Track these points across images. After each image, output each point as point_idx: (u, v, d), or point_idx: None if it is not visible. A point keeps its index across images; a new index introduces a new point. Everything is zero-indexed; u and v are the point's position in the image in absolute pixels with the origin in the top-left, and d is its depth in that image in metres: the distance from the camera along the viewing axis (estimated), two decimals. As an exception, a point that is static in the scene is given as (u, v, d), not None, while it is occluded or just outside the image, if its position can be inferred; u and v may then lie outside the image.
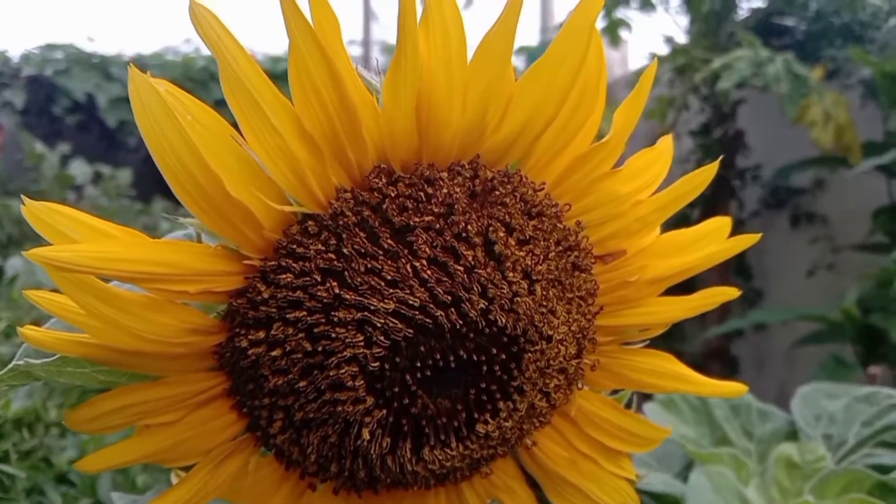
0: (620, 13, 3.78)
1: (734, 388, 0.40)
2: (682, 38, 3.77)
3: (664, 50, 3.76)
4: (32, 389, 1.58)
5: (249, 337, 0.32)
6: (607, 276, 0.38)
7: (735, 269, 3.94)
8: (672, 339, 4.14)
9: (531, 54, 4.43)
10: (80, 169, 4.23)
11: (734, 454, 0.94)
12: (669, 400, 1.02)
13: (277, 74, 0.26)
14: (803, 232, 3.75)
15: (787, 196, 3.81)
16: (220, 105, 0.32)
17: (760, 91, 3.31)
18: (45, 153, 4.03)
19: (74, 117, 6.67)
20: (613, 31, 3.82)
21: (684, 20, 3.83)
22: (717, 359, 3.77)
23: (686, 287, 0.39)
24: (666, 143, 0.38)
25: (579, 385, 0.39)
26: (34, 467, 1.31)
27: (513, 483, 0.41)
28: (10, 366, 0.37)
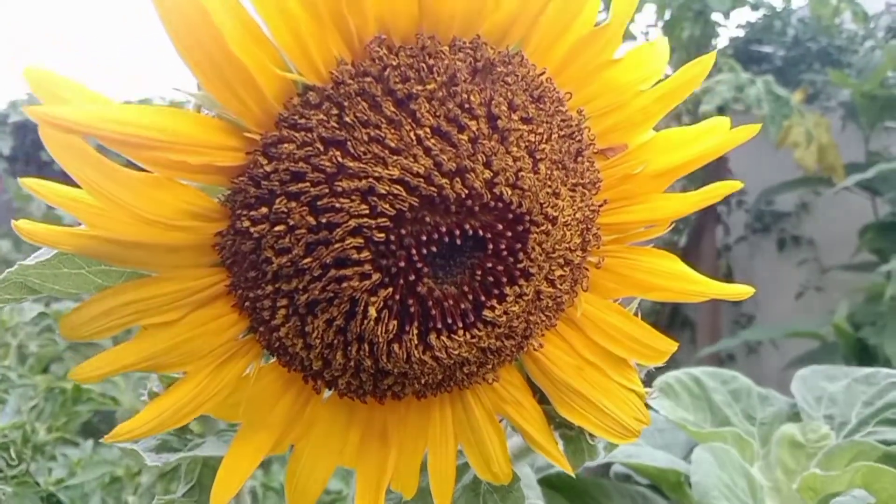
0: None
1: (740, 289, 0.39)
2: (663, 67, 3.83)
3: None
4: (19, 408, 1.55)
5: (252, 215, 0.31)
6: (610, 171, 0.38)
7: (724, 294, 3.95)
8: (665, 367, 4.13)
9: None
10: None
11: (737, 433, 0.93)
12: (668, 386, 1.02)
13: None
14: (790, 255, 3.78)
15: (773, 220, 3.85)
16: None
17: (742, 115, 3.36)
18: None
19: (62, 164, 6.69)
20: (596, 61, 3.87)
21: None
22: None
23: (671, 322, 0.38)
24: (662, 40, 0.38)
25: (584, 285, 0.38)
26: (21, 484, 1.28)
27: (519, 395, 0.40)
28: (3, 276, 0.36)
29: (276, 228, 0.31)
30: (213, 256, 0.34)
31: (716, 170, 3.82)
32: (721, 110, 3.24)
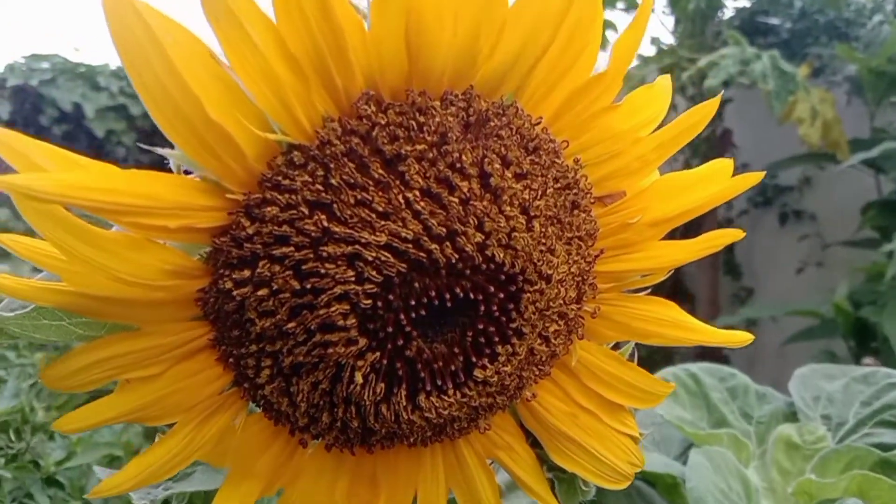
0: (607, 14, 3.78)
1: (740, 336, 0.38)
2: (668, 39, 3.78)
3: (651, 51, 3.77)
4: (17, 390, 1.56)
5: (234, 277, 0.30)
6: (607, 218, 0.36)
7: (725, 268, 3.95)
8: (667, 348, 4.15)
9: None
10: (67, 179, 4.19)
11: (733, 435, 0.93)
12: (666, 384, 1.01)
13: None
14: (792, 229, 3.77)
15: (775, 194, 3.83)
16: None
17: (747, 90, 3.32)
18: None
19: (61, 127, 6.64)
20: (599, 32, 3.82)
21: (670, 20, 3.84)
22: (709, 357, 3.77)
23: (672, 293, 0.37)
24: (665, 81, 0.37)
25: (579, 334, 0.37)
26: (20, 468, 1.29)
27: (512, 441, 0.40)
28: (-18, 322, 0.35)
29: (259, 292, 0.30)
30: (195, 310, 0.33)
31: (721, 143, 3.80)
32: (726, 85, 3.21)
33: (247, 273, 0.30)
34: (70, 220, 0.28)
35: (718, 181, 0.37)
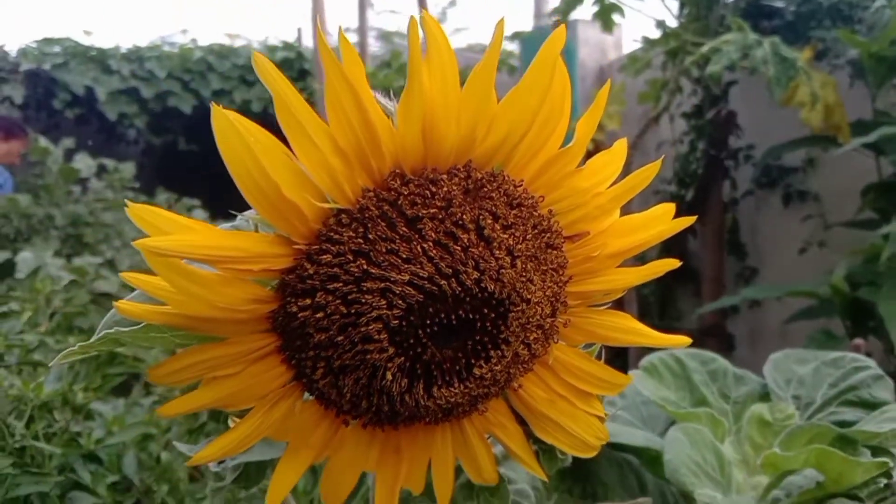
0: (612, -1, 3.84)
1: (678, 339, 0.50)
2: (673, 22, 3.84)
3: (656, 34, 3.82)
4: (61, 374, 1.68)
5: (298, 304, 0.42)
6: (575, 252, 0.48)
7: (730, 249, 4.03)
8: (669, 318, 4.26)
9: (524, 39, 4.51)
10: (84, 162, 4.29)
11: (710, 413, 1.03)
12: (652, 367, 1.12)
13: (274, 62, 0.37)
14: (795, 210, 3.82)
15: (780, 175, 3.88)
16: (217, 95, 0.41)
17: (751, 73, 3.38)
18: (49, 147, 4.10)
19: (74, 111, 6.68)
20: (606, 15, 3.89)
21: (675, 4, 3.89)
22: (712, 335, 3.87)
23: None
24: (620, 146, 0.48)
25: (555, 339, 0.49)
26: (65, 445, 1.41)
27: (504, 420, 0.51)
28: (101, 334, 0.47)
29: (317, 315, 0.42)
30: (266, 325, 0.45)
31: (725, 125, 3.87)
32: (729, 70, 3.28)
33: (308, 301, 0.42)
34: (181, 266, 0.40)
35: (662, 222, 0.48)
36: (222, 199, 0.92)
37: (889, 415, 0.98)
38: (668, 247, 4.14)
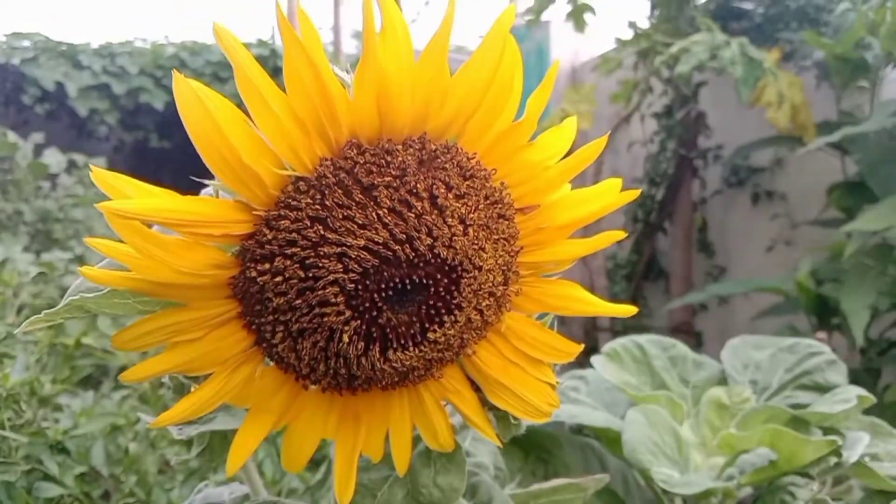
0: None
1: (625, 309, 0.52)
2: (645, 23, 3.89)
3: (628, 34, 3.87)
4: (28, 364, 1.67)
5: (258, 268, 0.44)
6: (526, 223, 0.50)
7: (699, 246, 4.09)
8: (639, 315, 4.30)
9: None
10: (53, 158, 4.24)
11: (670, 396, 1.06)
12: (614, 352, 1.15)
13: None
14: (763, 209, 3.89)
15: (748, 175, 3.94)
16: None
17: (719, 73, 3.43)
18: (18, 143, 4.05)
19: (44, 107, 6.58)
20: (578, 15, 3.93)
21: (647, 4, 3.95)
22: (682, 332, 3.93)
23: (647, 272, 0.51)
24: (570, 122, 0.50)
25: (507, 307, 0.51)
26: (32, 436, 1.40)
27: (459, 387, 0.53)
28: (66, 301, 0.48)
29: (276, 279, 0.43)
30: (227, 291, 0.46)
31: (695, 125, 3.93)
32: (698, 70, 3.33)
33: (267, 266, 0.43)
34: (145, 230, 0.41)
35: (610, 195, 0.50)
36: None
37: (841, 397, 1.02)
38: (638, 245, 4.20)
